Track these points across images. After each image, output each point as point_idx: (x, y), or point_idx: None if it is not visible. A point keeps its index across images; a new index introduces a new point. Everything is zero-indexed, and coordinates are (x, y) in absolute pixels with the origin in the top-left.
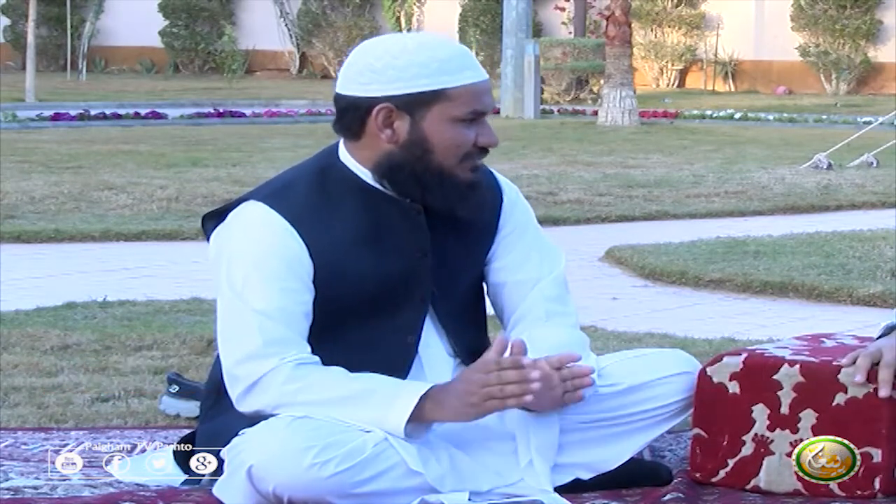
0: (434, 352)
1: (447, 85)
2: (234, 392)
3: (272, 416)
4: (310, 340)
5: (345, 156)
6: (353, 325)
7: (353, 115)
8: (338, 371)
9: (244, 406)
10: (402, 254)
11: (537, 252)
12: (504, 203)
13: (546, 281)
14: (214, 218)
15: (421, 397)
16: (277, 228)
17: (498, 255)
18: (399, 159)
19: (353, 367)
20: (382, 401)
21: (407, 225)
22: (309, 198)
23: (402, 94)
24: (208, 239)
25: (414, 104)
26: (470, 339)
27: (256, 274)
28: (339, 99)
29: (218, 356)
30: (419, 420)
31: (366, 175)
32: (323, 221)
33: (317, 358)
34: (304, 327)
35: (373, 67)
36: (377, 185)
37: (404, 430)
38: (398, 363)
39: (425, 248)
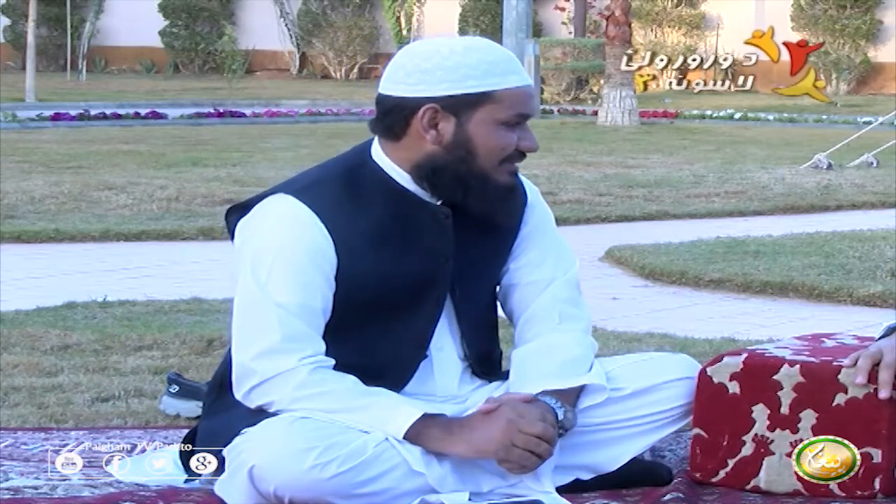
0: (445, 355)
1: (495, 87)
2: (245, 385)
3: (274, 413)
4: (324, 336)
5: (379, 156)
6: (368, 323)
7: (397, 116)
8: (351, 381)
9: (250, 400)
10: (425, 257)
11: (553, 253)
12: (527, 205)
13: (559, 282)
14: (239, 211)
15: (428, 420)
16: (306, 222)
17: (515, 256)
18: (442, 161)
19: (364, 365)
20: (386, 409)
21: (434, 229)
22: (338, 195)
23: (449, 96)
24: (231, 232)
25: (460, 105)
26: (482, 343)
27: (282, 266)
28: (383, 99)
29: (229, 350)
30: (423, 443)
31: (399, 176)
32: (350, 219)
33: (332, 361)
34: (321, 323)
35: (422, 68)
36: (408, 188)
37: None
38: (409, 363)
39: (448, 253)
